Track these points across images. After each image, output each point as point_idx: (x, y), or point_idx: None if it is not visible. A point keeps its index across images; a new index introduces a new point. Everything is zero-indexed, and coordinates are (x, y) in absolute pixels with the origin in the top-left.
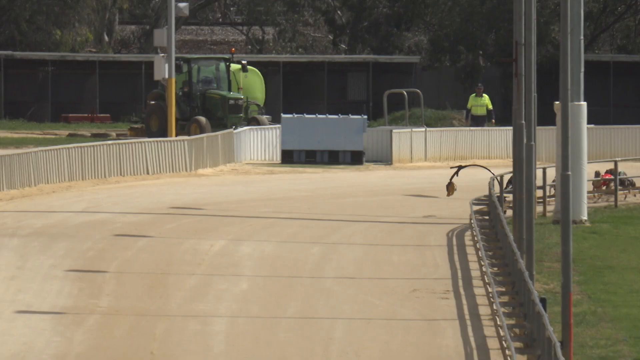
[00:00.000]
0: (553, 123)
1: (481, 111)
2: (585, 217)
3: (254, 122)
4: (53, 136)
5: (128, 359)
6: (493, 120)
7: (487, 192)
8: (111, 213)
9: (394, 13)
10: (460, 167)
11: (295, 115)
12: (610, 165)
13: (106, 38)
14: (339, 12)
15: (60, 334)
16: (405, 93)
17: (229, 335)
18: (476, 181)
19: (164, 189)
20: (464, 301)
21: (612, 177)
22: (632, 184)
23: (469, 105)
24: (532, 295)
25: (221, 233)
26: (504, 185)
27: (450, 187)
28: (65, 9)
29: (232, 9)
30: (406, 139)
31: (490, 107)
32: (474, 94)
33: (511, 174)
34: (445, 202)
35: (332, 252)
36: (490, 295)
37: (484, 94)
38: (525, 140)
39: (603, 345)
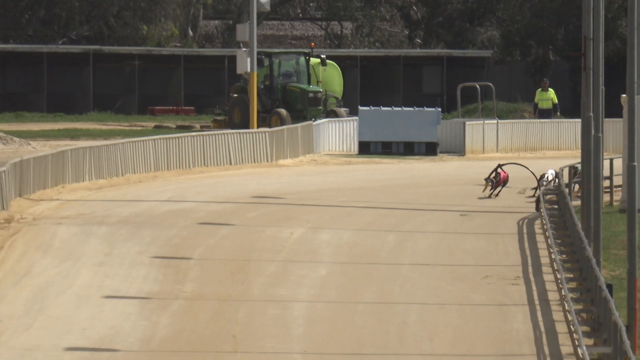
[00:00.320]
0: (620, 115)
1: (547, 105)
2: None
3: (332, 114)
4: (139, 128)
5: (211, 343)
6: (558, 113)
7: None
8: (195, 202)
9: (467, 9)
10: (499, 166)
11: (372, 108)
12: None
13: (191, 33)
14: (414, 7)
15: (146, 318)
16: (477, 86)
17: (307, 319)
18: (545, 170)
19: (246, 179)
20: (534, 287)
21: None
22: None
23: (535, 100)
24: (599, 281)
25: (301, 221)
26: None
27: (486, 184)
28: (151, 5)
29: (311, 4)
30: (478, 130)
31: (556, 101)
32: (540, 89)
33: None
34: (516, 189)
35: (407, 240)
36: (559, 281)
37: (549, 89)
38: (593, 132)
39: None
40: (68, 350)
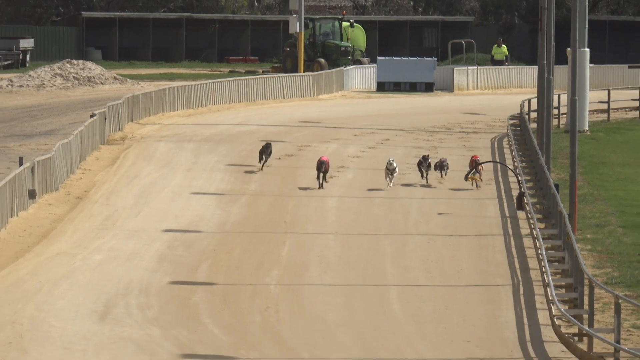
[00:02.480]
0: (565, 63)
1: (500, 57)
2: (587, 128)
3: (357, 62)
4: (218, 72)
5: (269, 225)
6: (506, 63)
7: (516, 112)
8: (258, 125)
9: None
10: (479, 164)
11: (387, 58)
12: (601, 94)
13: (256, 4)
14: None
15: (222, 209)
16: (463, 42)
17: (338, 209)
18: (511, 103)
19: (295, 109)
20: (502, 186)
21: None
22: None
23: (492, 53)
24: (549, 182)
25: (334, 139)
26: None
27: (471, 177)
28: None
29: None
30: (463, 74)
31: (507, 53)
32: (495, 45)
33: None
34: (490, 116)
35: (411, 153)
36: (520, 181)
37: (503, 45)
38: (546, 75)
39: (598, 216)
40: (165, 231)
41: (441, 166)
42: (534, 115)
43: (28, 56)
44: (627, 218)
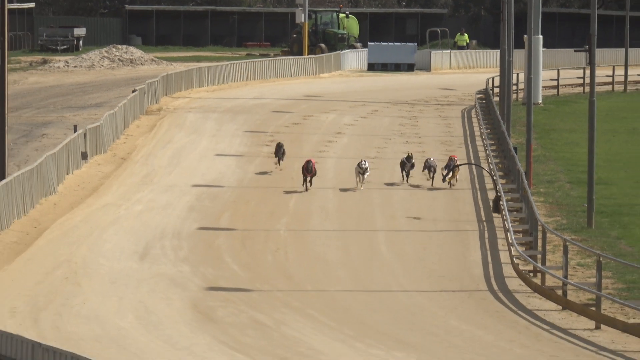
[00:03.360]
0: (523, 47)
1: (462, 43)
2: (540, 101)
3: (352, 47)
4: (237, 55)
5: (278, 182)
6: (467, 48)
7: (482, 87)
8: (270, 99)
9: None
10: (456, 166)
11: (376, 43)
12: (552, 73)
13: None
14: None
15: (240, 168)
16: (439, 30)
17: (335, 168)
18: (478, 80)
19: (300, 85)
20: (470, 149)
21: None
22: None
23: (455, 39)
24: (509, 145)
25: (332, 110)
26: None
27: (448, 179)
28: None
29: None
30: (439, 56)
31: (468, 41)
32: (459, 33)
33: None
34: (460, 91)
35: (399, 123)
36: (485, 145)
37: (465, 34)
38: (507, 58)
39: (549, 174)
40: (194, 186)
41: (429, 167)
42: (497, 90)
43: (81, 42)
44: (573, 175)
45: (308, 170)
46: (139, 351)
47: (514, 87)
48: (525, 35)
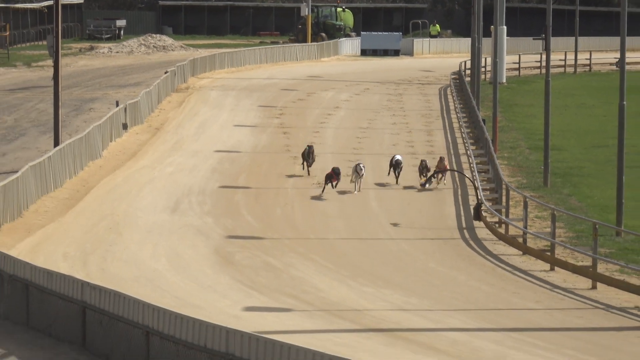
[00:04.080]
0: (490, 36)
1: (435, 32)
2: (504, 81)
3: (347, 36)
4: (252, 43)
5: (284, 148)
6: (438, 37)
7: (456, 69)
8: (279, 79)
9: None
10: (435, 172)
11: (368, 33)
12: (514, 58)
13: None
14: None
15: (254, 136)
16: (420, 22)
17: (334, 136)
18: (453, 64)
19: (304, 68)
20: (446, 120)
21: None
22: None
23: (429, 30)
24: (479, 117)
25: (331, 88)
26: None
27: (436, 181)
28: None
29: None
30: (420, 43)
31: (439, 30)
32: (432, 25)
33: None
34: (438, 73)
35: (386, 99)
36: (459, 117)
37: (437, 24)
38: (477, 45)
39: (512, 141)
40: (216, 152)
41: (422, 168)
42: (468, 72)
43: (122, 32)
44: (532, 142)
45: (334, 177)
46: (170, 289)
47: (483, 69)
48: (492, 26)
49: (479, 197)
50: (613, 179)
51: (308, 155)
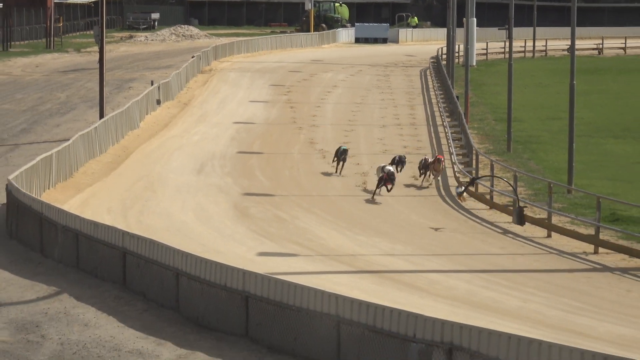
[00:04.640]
0: (462, 26)
1: (413, 23)
2: (474, 64)
3: (344, 27)
4: (264, 32)
5: (291, 121)
6: (416, 27)
7: (435, 54)
8: (287, 62)
9: None
10: (474, 179)
11: (361, 24)
12: (482, 44)
13: None
14: None
15: (266, 110)
16: (404, 15)
17: (333, 110)
18: (432, 50)
19: (308, 53)
20: (426, 96)
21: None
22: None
23: (409, 21)
24: (453, 94)
25: (331, 70)
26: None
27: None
28: None
29: None
30: (404, 33)
31: (417, 22)
32: (410, 16)
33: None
34: (419, 57)
35: (376, 79)
36: (436, 94)
37: (415, 17)
38: (451, 34)
39: (480, 114)
40: (234, 123)
41: (425, 167)
42: (444, 56)
43: (156, 23)
44: (497, 115)
45: (388, 181)
46: (197, 237)
47: (456, 54)
48: (465, 18)
49: (517, 202)
50: (565, 146)
51: (341, 155)
